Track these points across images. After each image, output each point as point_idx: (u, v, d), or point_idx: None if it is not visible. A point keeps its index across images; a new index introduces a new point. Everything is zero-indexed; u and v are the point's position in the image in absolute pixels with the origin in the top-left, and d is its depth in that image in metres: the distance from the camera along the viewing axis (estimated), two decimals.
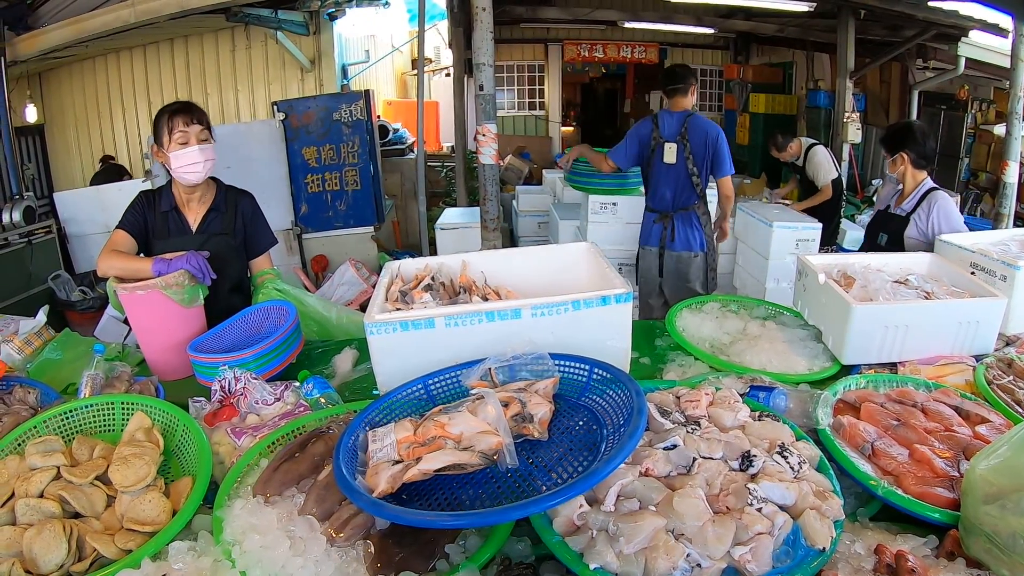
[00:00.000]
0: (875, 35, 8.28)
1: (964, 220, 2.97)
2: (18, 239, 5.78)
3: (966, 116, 8.24)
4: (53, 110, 8.38)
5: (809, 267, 2.22)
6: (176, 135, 2.32)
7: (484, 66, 3.75)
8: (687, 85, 4.03)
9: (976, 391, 1.79)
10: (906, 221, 3.03)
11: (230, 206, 2.54)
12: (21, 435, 1.58)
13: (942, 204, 2.94)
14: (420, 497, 1.24)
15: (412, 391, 1.56)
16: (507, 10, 9.66)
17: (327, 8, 7.50)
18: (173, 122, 2.33)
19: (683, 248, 4.18)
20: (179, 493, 1.39)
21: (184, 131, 2.32)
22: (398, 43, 12.08)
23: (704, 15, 10.23)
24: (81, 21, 5.73)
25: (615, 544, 1.10)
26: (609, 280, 1.77)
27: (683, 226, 4.15)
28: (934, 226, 2.91)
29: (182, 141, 2.33)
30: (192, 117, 2.35)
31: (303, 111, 6.28)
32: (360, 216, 6.63)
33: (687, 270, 4.21)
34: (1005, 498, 1.10)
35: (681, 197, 4.12)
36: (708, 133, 3.99)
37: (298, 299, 2.50)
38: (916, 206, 3.01)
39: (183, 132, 2.32)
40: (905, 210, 3.07)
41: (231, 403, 1.78)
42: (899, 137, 3.09)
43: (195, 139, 2.34)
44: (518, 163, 10.10)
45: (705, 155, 4.00)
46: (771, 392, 1.67)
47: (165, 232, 2.46)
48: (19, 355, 2.24)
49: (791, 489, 1.20)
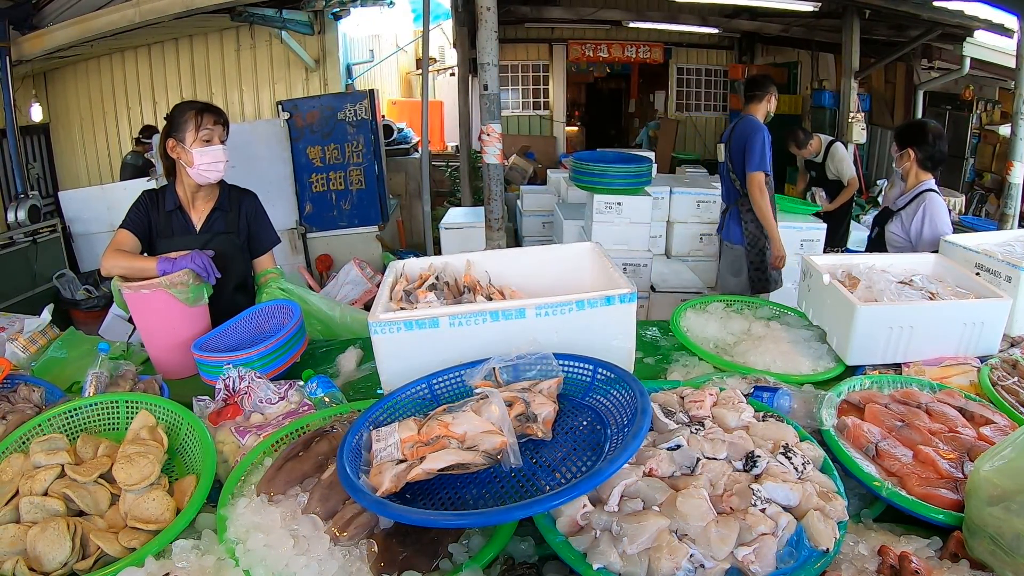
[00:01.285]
0: (880, 35, 8.27)
1: (966, 221, 2.99)
2: (23, 238, 5.81)
3: (971, 116, 8.22)
4: (58, 109, 8.40)
5: (814, 268, 2.21)
6: (203, 132, 2.33)
7: (488, 66, 3.75)
8: (761, 93, 4.21)
9: (980, 392, 1.79)
10: (894, 216, 3.06)
11: (234, 205, 2.55)
12: (25, 433, 1.58)
13: (931, 206, 2.95)
14: (424, 496, 1.24)
15: (416, 390, 1.56)
16: (512, 10, 9.66)
17: (331, 8, 7.50)
18: (202, 119, 2.34)
19: (727, 239, 4.46)
20: (183, 492, 1.39)
21: (211, 129, 2.34)
22: (402, 43, 12.10)
23: (709, 15, 10.22)
24: (86, 21, 5.75)
25: (619, 544, 1.10)
26: (614, 280, 1.77)
27: (731, 220, 4.41)
28: (917, 225, 2.94)
29: (207, 139, 2.34)
30: (219, 117, 2.38)
31: (307, 110, 6.29)
32: (364, 216, 6.64)
33: (729, 260, 4.47)
34: (1009, 500, 1.10)
35: (729, 194, 4.42)
36: (744, 132, 4.12)
37: (302, 298, 2.50)
38: (908, 203, 3.03)
39: (210, 130, 2.34)
40: (897, 205, 3.09)
41: (235, 402, 1.78)
42: (910, 133, 3.13)
43: (218, 139, 2.36)
44: (522, 163, 10.10)
45: (739, 153, 4.14)
46: (775, 393, 1.66)
47: (169, 231, 2.46)
48: (24, 353, 2.25)
49: (795, 490, 1.20)
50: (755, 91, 4.23)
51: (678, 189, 5.69)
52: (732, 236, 4.38)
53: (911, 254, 2.52)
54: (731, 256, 4.43)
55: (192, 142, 2.34)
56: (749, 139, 4.07)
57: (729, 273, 4.47)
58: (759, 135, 4.05)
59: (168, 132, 2.39)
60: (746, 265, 4.32)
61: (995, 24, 6.38)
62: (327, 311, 2.57)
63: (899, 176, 3.27)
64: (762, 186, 4.06)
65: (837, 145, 6.14)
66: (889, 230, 3.09)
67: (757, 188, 4.06)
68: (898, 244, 3.07)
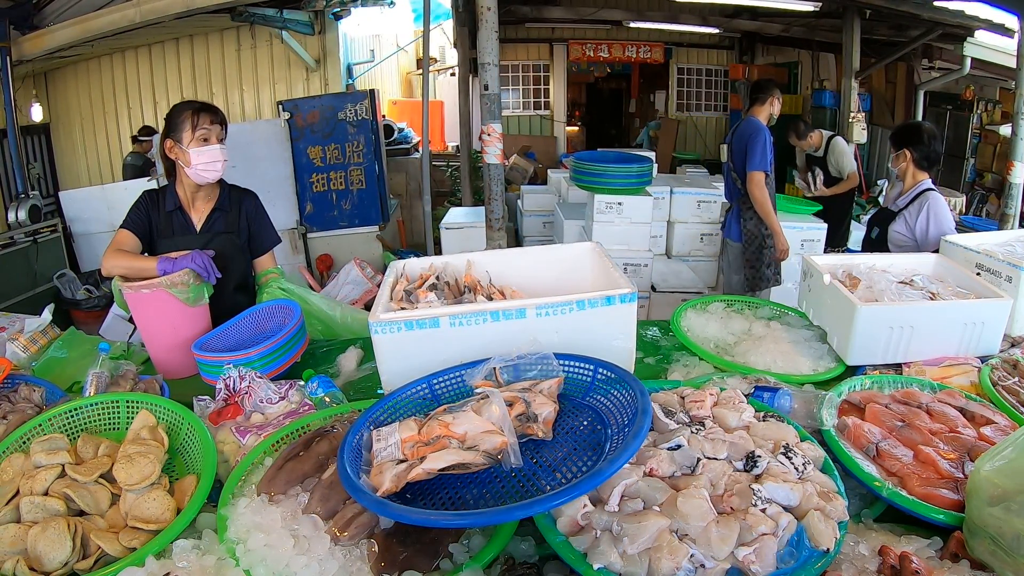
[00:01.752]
0: (881, 35, 8.26)
1: (967, 221, 3.00)
2: (24, 238, 5.82)
3: (972, 116, 8.21)
4: (59, 109, 8.41)
5: (814, 267, 2.21)
6: (200, 131, 2.33)
7: (489, 66, 3.75)
8: (764, 95, 4.36)
9: (981, 392, 1.79)
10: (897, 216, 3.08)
11: (234, 205, 2.55)
12: (26, 433, 1.58)
13: (933, 204, 2.98)
14: (424, 496, 1.24)
15: (416, 390, 1.56)
16: (512, 10, 9.65)
17: (332, 8, 7.51)
18: (199, 118, 2.33)
19: (728, 236, 4.62)
20: (183, 491, 1.39)
21: (208, 128, 2.34)
22: (403, 43, 12.10)
23: (709, 15, 10.22)
24: (86, 20, 5.76)
25: (619, 544, 1.10)
26: (614, 280, 1.77)
27: (732, 218, 4.56)
28: (923, 224, 2.95)
29: (205, 138, 2.34)
30: (217, 117, 2.38)
31: (308, 110, 6.30)
32: (365, 215, 6.64)
33: (730, 258, 4.61)
34: (1010, 500, 1.10)
35: (731, 193, 4.56)
36: (745, 132, 4.23)
37: (302, 298, 2.50)
38: (909, 203, 3.05)
39: (207, 129, 2.34)
40: (899, 206, 3.11)
41: (235, 402, 1.78)
42: (905, 134, 3.17)
43: (215, 138, 2.36)
44: (523, 163, 10.11)
45: (740, 153, 4.25)
46: (776, 393, 1.66)
47: (170, 231, 2.46)
48: (24, 353, 2.25)
49: (795, 490, 1.20)
50: (758, 94, 4.38)
51: (679, 189, 5.70)
52: (732, 234, 4.53)
53: (911, 254, 2.52)
54: (732, 253, 4.56)
55: (189, 142, 2.33)
56: (750, 139, 4.17)
57: (732, 271, 4.59)
58: (760, 135, 4.14)
59: (166, 133, 2.39)
60: (742, 263, 4.43)
61: (996, 24, 6.37)
62: (327, 311, 2.57)
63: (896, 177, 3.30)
64: (761, 184, 4.15)
65: (838, 139, 6.11)
66: (893, 230, 3.12)
67: (756, 187, 4.16)
68: (903, 244, 3.08)
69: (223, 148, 2.38)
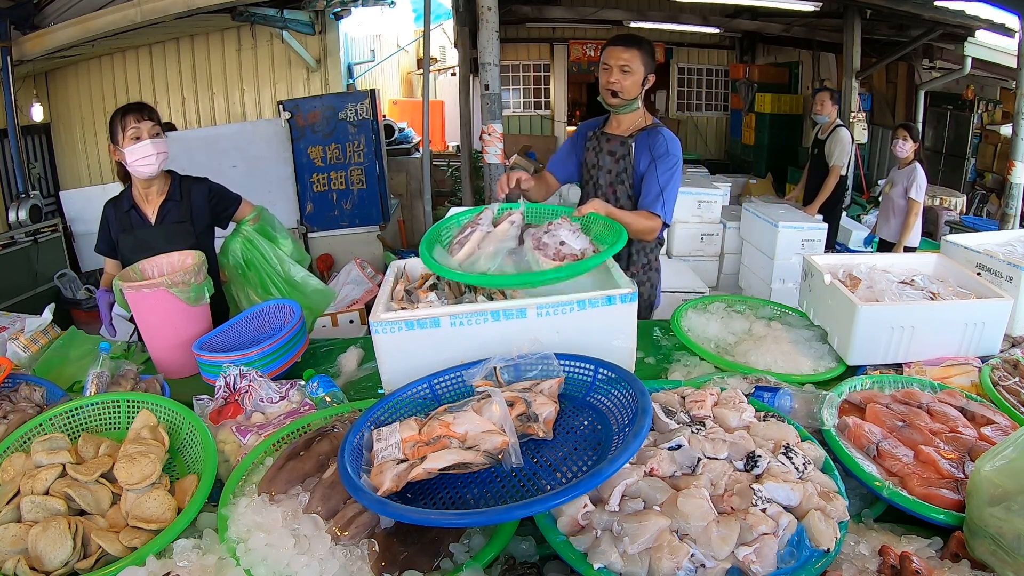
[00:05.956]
0: (881, 35, 8.25)
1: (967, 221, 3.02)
2: (24, 238, 5.82)
3: (972, 116, 8.20)
4: (59, 109, 8.40)
5: (815, 267, 2.21)
6: (129, 131, 2.41)
7: (490, 65, 3.76)
8: None
9: (982, 392, 1.79)
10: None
11: (185, 194, 2.63)
12: (27, 432, 1.59)
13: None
14: (425, 496, 1.24)
15: (417, 390, 1.56)
16: (513, 10, 9.64)
17: (333, 7, 7.51)
18: (125, 120, 2.42)
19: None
20: (184, 491, 1.40)
21: (136, 127, 2.41)
22: (404, 42, 12.10)
23: (710, 15, 10.21)
24: (87, 20, 5.76)
25: (619, 544, 1.10)
26: (614, 280, 1.77)
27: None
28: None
29: (135, 136, 2.41)
30: (143, 114, 2.45)
31: (309, 110, 6.29)
32: (366, 215, 6.64)
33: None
34: (1010, 500, 1.10)
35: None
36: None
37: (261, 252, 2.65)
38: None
39: (135, 128, 2.41)
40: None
41: (236, 401, 1.78)
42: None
43: (147, 134, 2.43)
44: (523, 163, 10.07)
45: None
46: (776, 392, 1.66)
47: (128, 226, 2.57)
48: (25, 353, 2.25)
49: (796, 490, 1.20)
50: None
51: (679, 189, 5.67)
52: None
53: (912, 254, 2.52)
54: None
55: (123, 142, 2.42)
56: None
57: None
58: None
59: (109, 140, 2.49)
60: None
61: (996, 24, 6.36)
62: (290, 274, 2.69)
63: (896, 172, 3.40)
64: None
65: (843, 130, 5.99)
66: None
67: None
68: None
69: (156, 142, 2.44)
